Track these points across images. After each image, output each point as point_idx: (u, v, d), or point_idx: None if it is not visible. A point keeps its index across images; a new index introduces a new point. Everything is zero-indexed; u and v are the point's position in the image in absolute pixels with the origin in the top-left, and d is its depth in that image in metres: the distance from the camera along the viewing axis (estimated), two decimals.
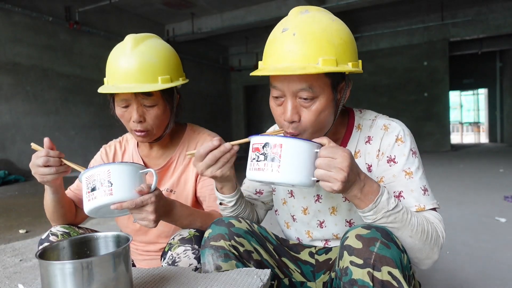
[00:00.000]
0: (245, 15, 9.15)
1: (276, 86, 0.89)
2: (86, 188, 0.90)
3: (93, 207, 0.89)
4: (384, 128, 0.97)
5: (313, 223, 1.08)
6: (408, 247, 0.82)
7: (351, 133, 1.01)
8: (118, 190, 0.88)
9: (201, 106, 11.43)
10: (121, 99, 1.10)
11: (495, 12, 9.99)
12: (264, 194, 1.19)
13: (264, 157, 0.78)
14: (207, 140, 1.25)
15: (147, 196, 0.91)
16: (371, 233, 0.76)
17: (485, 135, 16.52)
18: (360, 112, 1.05)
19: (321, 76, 0.86)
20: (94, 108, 7.88)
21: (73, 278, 0.67)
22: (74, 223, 1.20)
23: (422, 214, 0.88)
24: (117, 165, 0.89)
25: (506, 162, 7.30)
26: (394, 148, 0.94)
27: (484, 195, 4.04)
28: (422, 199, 0.89)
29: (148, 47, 1.10)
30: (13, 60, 6.51)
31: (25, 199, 4.51)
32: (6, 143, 6.41)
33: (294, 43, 0.84)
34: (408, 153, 0.93)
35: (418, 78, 11.00)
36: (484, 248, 2.31)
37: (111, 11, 8.41)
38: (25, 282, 1.90)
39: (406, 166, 0.92)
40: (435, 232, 0.85)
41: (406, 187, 0.91)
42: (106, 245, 0.86)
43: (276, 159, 0.77)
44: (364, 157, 0.99)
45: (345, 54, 0.87)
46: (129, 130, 1.17)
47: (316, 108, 0.88)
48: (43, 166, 0.96)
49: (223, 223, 0.98)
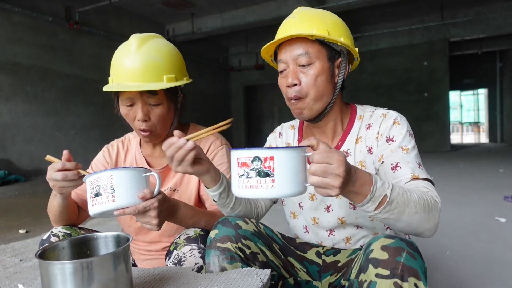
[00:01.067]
0: (245, 15, 9.15)
1: (281, 59, 1.04)
2: (89, 193, 0.90)
3: (96, 212, 0.90)
4: (383, 116, 1.07)
5: (320, 208, 1.10)
6: (416, 223, 0.82)
7: (353, 123, 1.11)
8: (120, 196, 0.88)
9: (201, 106, 11.43)
10: (126, 97, 1.10)
11: (495, 12, 9.99)
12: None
13: (256, 173, 0.72)
14: (209, 140, 1.25)
15: (149, 202, 0.92)
16: (396, 242, 0.75)
17: (485, 135, 16.53)
18: (362, 106, 1.15)
19: (315, 44, 1.01)
20: (94, 108, 7.88)
21: (73, 278, 0.67)
22: (75, 224, 1.21)
23: (416, 186, 0.90)
24: (119, 171, 0.89)
25: (506, 162, 7.30)
26: (392, 129, 1.02)
27: (484, 195, 4.04)
28: (417, 170, 0.94)
29: (153, 46, 1.11)
30: (13, 60, 6.52)
31: (25, 199, 4.51)
32: (6, 143, 6.42)
33: (294, 22, 1.03)
34: (405, 133, 1.01)
35: (418, 78, 11.00)
36: (484, 248, 2.31)
37: (111, 11, 8.41)
38: (25, 282, 1.91)
39: (403, 144, 0.99)
40: (432, 199, 0.87)
41: (403, 159, 0.96)
42: (106, 245, 0.86)
43: (270, 173, 0.72)
44: (365, 141, 1.07)
45: (337, 31, 1.02)
46: (135, 130, 1.17)
47: (313, 72, 1.00)
48: (62, 181, 0.96)
49: (229, 224, 0.97)
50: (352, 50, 1.04)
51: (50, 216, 1.16)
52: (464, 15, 10.23)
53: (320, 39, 1.00)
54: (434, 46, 10.76)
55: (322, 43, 1.01)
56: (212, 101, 12.29)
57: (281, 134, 1.25)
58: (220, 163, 1.23)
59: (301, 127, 1.23)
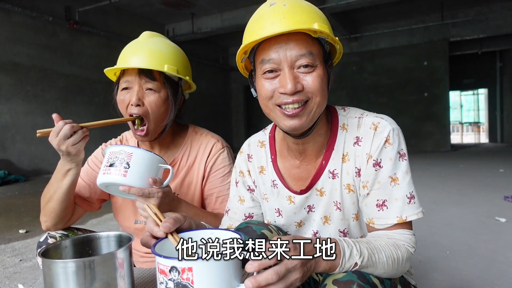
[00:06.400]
0: (245, 15, 9.15)
1: (271, 58, 0.81)
2: (105, 161, 0.94)
3: (105, 181, 0.93)
4: (374, 128, 0.88)
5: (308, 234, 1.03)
6: (385, 276, 0.82)
7: (336, 134, 0.93)
8: (132, 174, 0.91)
9: (201, 106, 11.43)
10: (125, 80, 1.12)
11: (495, 12, 10.00)
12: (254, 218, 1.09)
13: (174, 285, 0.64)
14: (210, 142, 1.25)
15: (155, 189, 0.93)
16: (347, 275, 0.74)
17: (485, 135, 16.53)
18: (344, 111, 0.95)
19: (316, 44, 0.83)
20: (94, 108, 7.88)
21: (76, 277, 0.67)
22: (67, 224, 1.15)
23: (391, 239, 0.85)
24: (141, 151, 0.93)
25: (506, 162, 7.30)
26: (382, 151, 0.86)
27: (484, 195, 4.04)
28: (406, 208, 0.85)
29: (160, 40, 1.18)
30: (13, 60, 6.52)
31: (25, 199, 4.51)
32: (6, 143, 6.41)
33: (287, 12, 0.80)
34: (395, 157, 0.86)
35: (418, 78, 11.00)
36: (484, 248, 2.31)
37: (111, 11, 8.41)
38: (25, 282, 1.91)
39: (392, 172, 0.85)
40: (405, 254, 0.83)
41: (390, 195, 0.85)
42: (108, 244, 0.86)
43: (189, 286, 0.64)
44: (353, 160, 0.90)
45: (330, 29, 0.85)
46: (130, 127, 1.16)
47: (317, 73, 0.82)
48: (70, 137, 0.96)
49: (255, 234, 0.91)
50: (340, 51, 0.89)
51: (47, 206, 1.09)
52: (464, 15, 10.23)
53: (323, 36, 0.82)
54: (434, 46, 10.77)
55: (318, 40, 0.84)
56: (212, 101, 12.29)
57: (250, 157, 1.07)
58: (222, 166, 1.23)
59: (272, 142, 1.04)
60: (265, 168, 1.03)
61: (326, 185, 0.94)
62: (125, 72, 1.13)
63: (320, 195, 0.95)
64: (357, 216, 0.94)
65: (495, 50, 13.19)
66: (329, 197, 0.94)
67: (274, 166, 1.01)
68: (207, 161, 1.23)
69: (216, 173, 1.23)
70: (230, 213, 1.09)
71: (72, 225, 1.19)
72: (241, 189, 1.08)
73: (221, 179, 1.23)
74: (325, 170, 0.93)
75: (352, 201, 0.93)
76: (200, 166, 1.23)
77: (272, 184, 1.02)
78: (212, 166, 1.23)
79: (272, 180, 1.02)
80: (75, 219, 1.18)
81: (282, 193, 1.00)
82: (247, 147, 1.09)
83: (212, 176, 1.23)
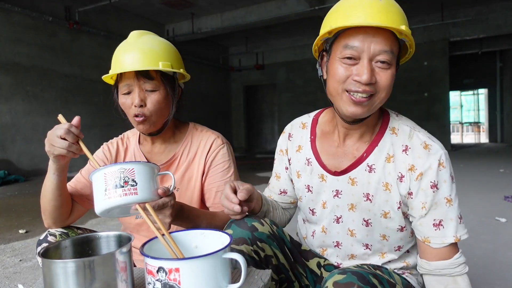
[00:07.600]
0: (245, 15, 9.16)
1: (354, 45, 0.86)
2: (104, 185, 0.83)
3: (112, 206, 0.83)
4: (425, 147, 0.93)
5: (331, 217, 1.08)
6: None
7: (383, 134, 0.98)
8: (142, 189, 0.85)
9: (201, 106, 11.44)
10: (124, 84, 1.14)
11: (495, 12, 9.99)
12: (288, 194, 1.20)
13: (162, 286, 0.66)
14: (211, 138, 1.26)
15: (167, 199, 0.91)
16: (347, 277, 0.76)
17: (485, 135, 16.54)
18: (397, 116, 1.01)
19: (397, 44, 0.88)
20: (94, 108, 7.88)
21: (75, 277, 0.67)
22: (66, 222, 1.16)
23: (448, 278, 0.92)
24: (142, 165, 0.87)
25: (506, 162, 7.30)
26: (437, 173, 0.91)
27: (484, 195, 4.04)
28: (459, 228, 0.92)
29: (150, 38, 1.18)
30: (13, 60, 6.52)
31: (25, 199, 4.51)
32: (6, 143, 6.42)
33: (383, 8, 0.86)
34: (448, 179, 0.92)
35: (418, 78, 11.00)
36: (484, 248, 2.31)
37: (111, 11, 8.42)
38: (25, 282, 1.91)
39: (448, 193, 0.91)
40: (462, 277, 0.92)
41: (446, 216, 0.91)
42: (108, 244, 0.86)
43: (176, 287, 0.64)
44: (399, 164, 0.94)
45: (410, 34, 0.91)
46: (130, 119, 1.18)
47: (391, 72, 0.88)
48: (60, 138, 0.96)
49: (245, 226, 0.95)
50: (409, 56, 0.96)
51: (43, 204, 1.10)
52: (464, 15, 10.23)
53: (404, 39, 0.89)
54: (434, 46, 10.76)
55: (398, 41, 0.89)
56: (212, 101, 12.29)
57: (291, 136, 1.15)
58: (221, 162, 1.24)
59: (315, 124, 1.11)
60: (302, 147, 1.11)
61: (360, 177, 0.99)
62: (122, 76, 1.15)
63: (351, 184, 1.00)
64: (386, 214, 0.97)
65: (495, 50, 13.20)
66: (361, 188, 0.99)
67: (312, 146, 1.09)
68: (207, 157, 1.24)
69: (216, 168, 1.24)
70: (270, 187, 1.24)
71: (72, 224, 1.20)
72: (278, 167, 1.19)
73: (221, 174, 1.24)
74: (364, 162, 0.98)
75: (386, 199, 0.96)
76: (200, 161, 1.24)
77: (307, 161, 1.09)
78: (212, 161, 1.24)
79: (307, 158, 1.09)
80: (76, 217, 1.19)
81: (315, 170, 1.06)
82: (290, 127, 1.18)
83: (212, 171, 1.24)
